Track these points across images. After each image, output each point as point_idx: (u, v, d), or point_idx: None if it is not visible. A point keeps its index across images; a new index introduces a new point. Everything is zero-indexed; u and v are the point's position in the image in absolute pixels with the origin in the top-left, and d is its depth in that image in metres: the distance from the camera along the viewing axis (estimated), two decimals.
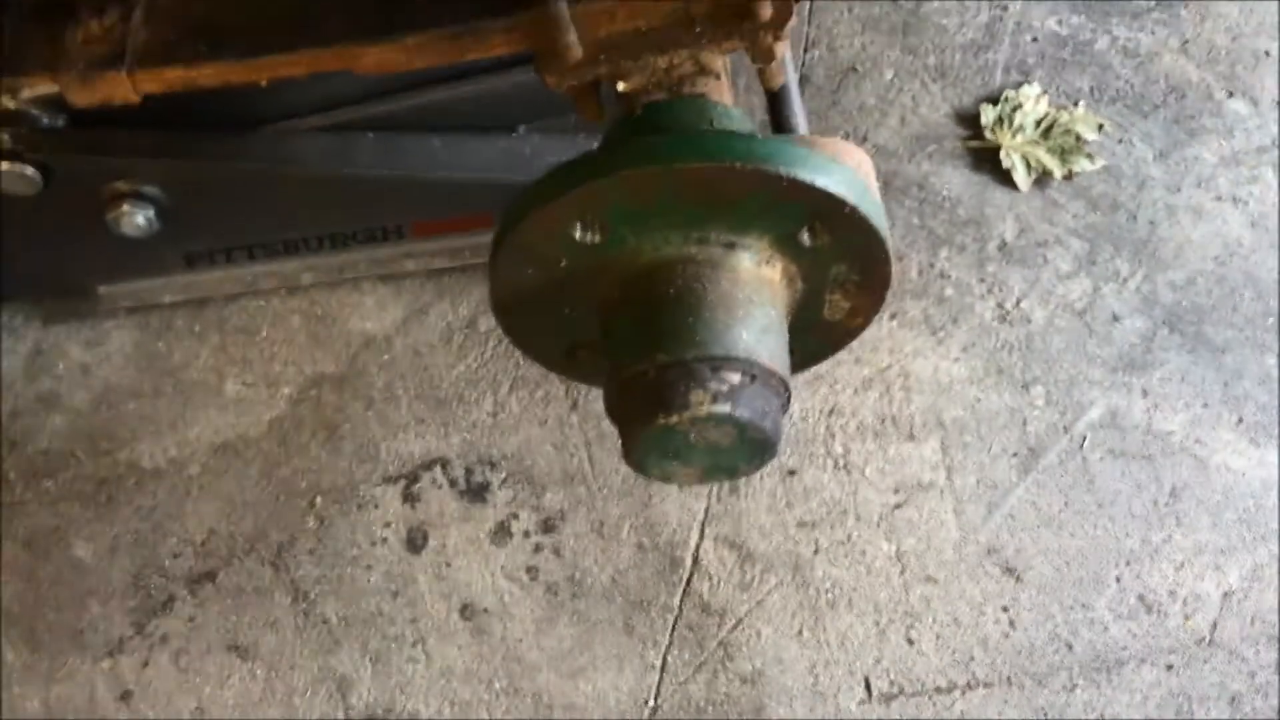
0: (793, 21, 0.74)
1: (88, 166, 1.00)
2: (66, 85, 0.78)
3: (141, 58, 0.77)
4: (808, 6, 1.37)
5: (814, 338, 0.80)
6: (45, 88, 0.88)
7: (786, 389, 0.71)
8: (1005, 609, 1.05)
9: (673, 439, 0.69)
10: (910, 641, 1.04)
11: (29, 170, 0.98)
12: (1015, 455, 1.12)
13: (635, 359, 0.70)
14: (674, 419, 0.67)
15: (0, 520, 1.09)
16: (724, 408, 0.67)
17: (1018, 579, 1.06)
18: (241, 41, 0.77)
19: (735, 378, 0.67)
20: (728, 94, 0.76)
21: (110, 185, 1.02)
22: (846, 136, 1.29)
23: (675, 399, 0.67)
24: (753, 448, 0.71)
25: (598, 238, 0.71)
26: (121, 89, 0.78)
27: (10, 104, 0.97)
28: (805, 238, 0.71)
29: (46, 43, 0.80)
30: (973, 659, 1.03)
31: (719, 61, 0.76)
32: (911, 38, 1.36)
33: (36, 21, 0.81)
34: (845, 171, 0.70)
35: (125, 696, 1.03)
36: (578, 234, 0.70)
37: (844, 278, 0.75)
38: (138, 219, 1.03)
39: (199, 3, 0.79)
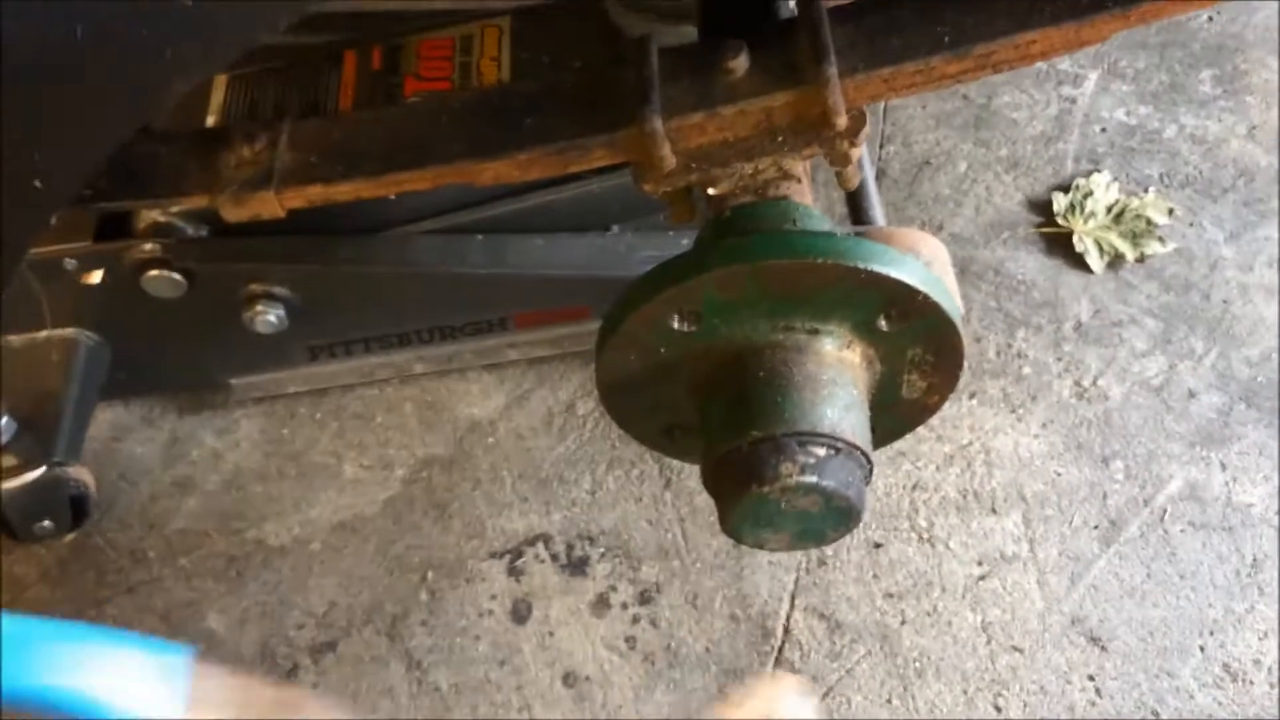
0: (866, 129, 0.81)
1: (227, 271, 1.09)
2: (222, 204, 0.87)
3: (286, 178, 0.87)
4: (883, 105, 1.44)
5: (895, 415, 0.86)
6: (198, 205, 0.99)
7: (868, 461, 0.77)
8: (1091, 678, 1.08)
9: (765, 508, 0.76)
10: (998, 709, 1.07)
11: (175, 276, 1.08)
12: (1096, 528, 1.15)
13: (730, 436, 0.76)
14: (766, 489, 0.74)
15: (141, 595, 1.18)
16: (811, 478, 0.73)
17: (1102, 648, 1.09)
18: (374, 162, 0.86)
19: (821, 451, 0.74)
20: (808, 195, 0.83)
21: (246, 288, 1.11)
22: (923, 226, 1.35)
23: (767, 471, 0.73)
24: (838, 515, 0.76)
25: (693, 328, 0.78)
26: (269, 206, 0.87)
27: (160, 217, 1.09)
28: (882, 324, 0.78)
29: (202, 168, 0.90)
30: None
31: (800, 166, 0.83)
32: (984, 131, 1.43)
33: (193, 150, 0.92)
34: (917, 264, 0.76)
35: None
36: (675, 325, 0.78)
37: (920, 359, 0.80)
38: (270, 318, 1.11)
39: (336, 130, 0.89)
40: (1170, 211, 1.33)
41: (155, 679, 0.58)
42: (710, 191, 0.83)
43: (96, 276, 1.07)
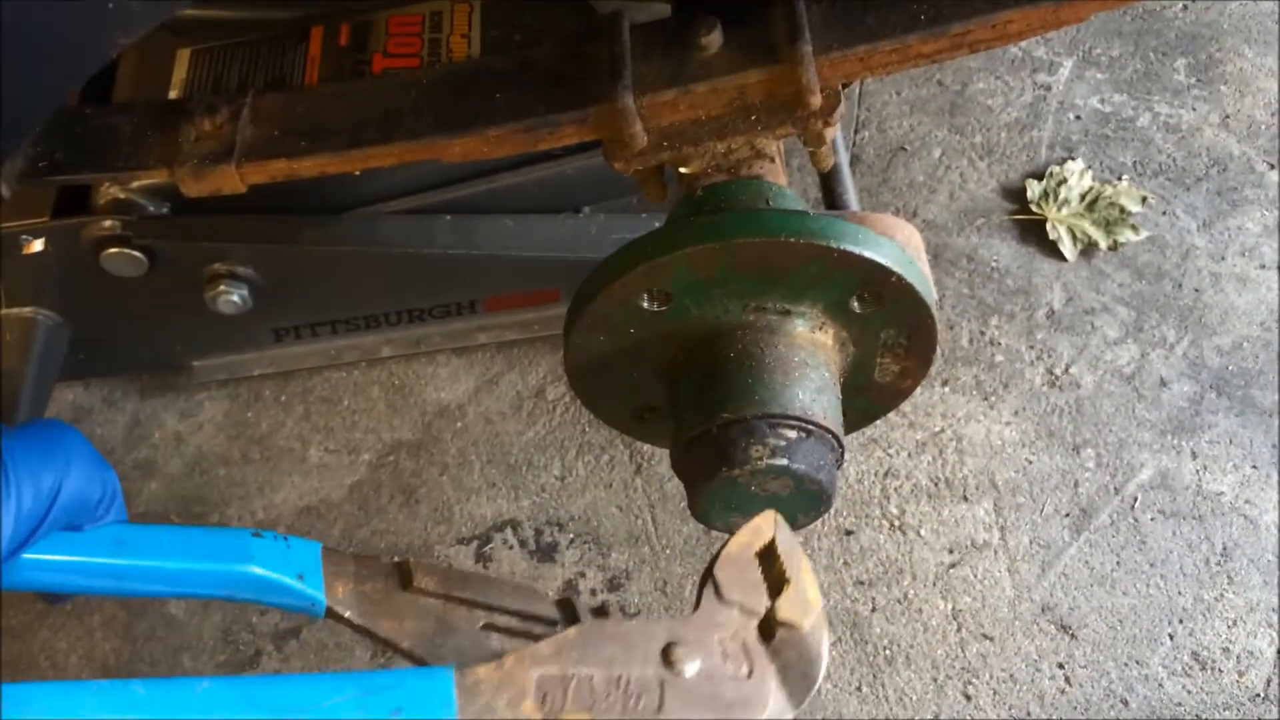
0: (841, 109, 0.79)
1: (189, 250, 1.07)
2: (181, 178, 0.85)
3: (248, 152, 0.85)
4: (858, 90, 1.43)
5: (867, 398, 0.85)
6: (156, 179, 0.97)
7: (840, 444, 0.76)
8: (1061, 666, 1.07)
9: (735, 491, 0.75)
10: (967, 697, 1.06)
11: (136, 254, 1.05)
12: (1068, 516, 1.15)
13: (699, 418, 0.75)
14: (736, 472, 0.73)
15: None
16: (781, 461, 0.72)
17: (1072, 636, 1.09)
18: (340, 136, 0.84)
19: (792, 433, 0.73)
20: (782, 175, 0.82)
21: (209, 267, 1.09)
22: (896, 212, 1.35)
23: (737, 454, 0.72)
24: (809, 499, 0.75)
25: (663, 308, 0.76)
26: (230, 181, 0.85)
27: (120, 194, 1.06)
28: (855, 305, 0.77)
29: (162, 141, 0.87)
30: (1029, 715, 1.05)
31: (773, 146, 0.82)
32: (958, 118, 1.42)
33: (153, 123, 0.89)
34: (892, 244, 0.75)
35: None
36: (645, 304, 0.76)
37: (893, 342, 0.80)
38: (233, 298, 1.09)
39: (300, 104, 0.87)
40: (1143, 200, 1.33)
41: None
42: (682, 170, 0.82)
43: (38, 245, 1.04)
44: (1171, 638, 1.08)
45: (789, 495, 0.75)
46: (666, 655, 0.62)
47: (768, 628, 0.65)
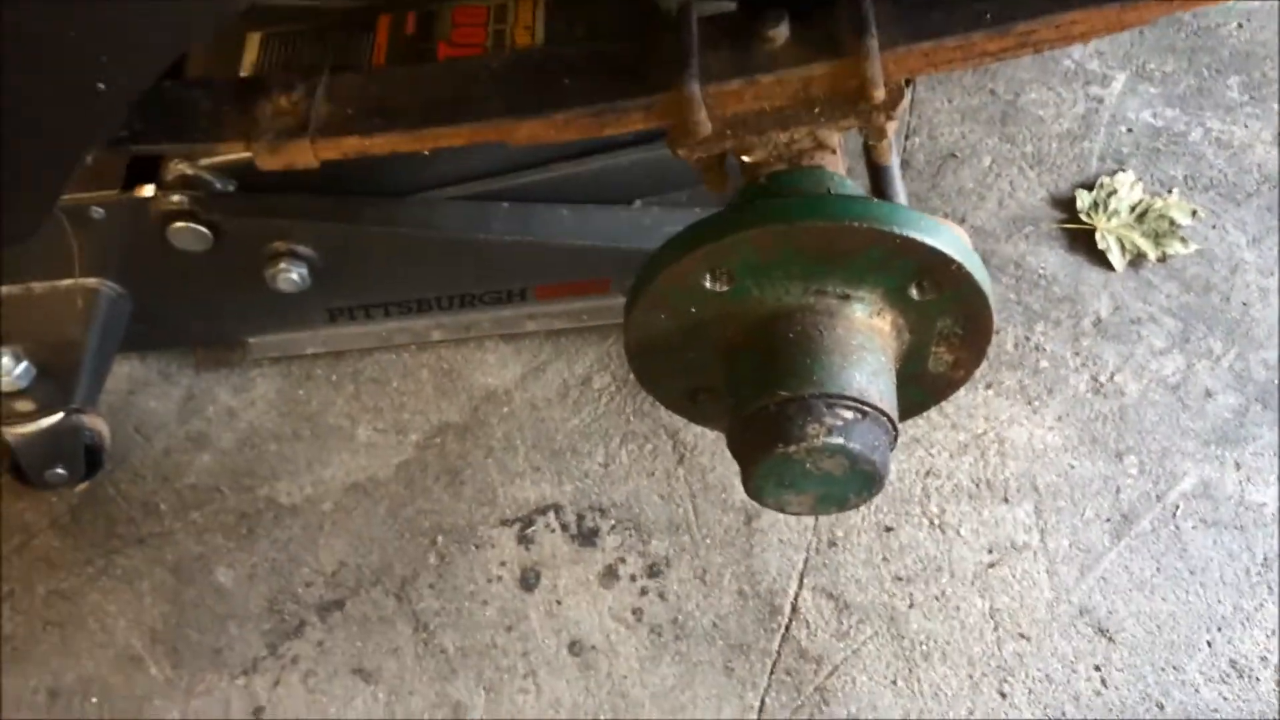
0: (904, 103, 0.81)
1: (253, 227, 1.10)
2: (257, 152, 0.88)
3: (323, 129, 0.87)
4: (909, 97, 1.45)
5: (920, 387, 0.86)
6: (234, 152, 0.99)
7: (894, 427, 0.77)
8: (1097, 668, 1.08)
9: (790, 469, 0.76)
10: (1003, 695, 1.07)
11: (201, 229, 1.08)
12: (1108, 521, 1.15)
13: (757, 395, 0.77)
14: (792, 449, 0.74)
15: (151, 547, 1.19)
16: (838, 440, 0.73)
17: (1110, 639, 1.09)
18: (411, 116, 0.86)
19: (848, 414, 0.74)
20: (842, 167, 0.84)
21: (270, 245, 1.12)
22: (945, 217, 1.35)
23: (794, 431, 0.74)
24: (862, 479, 0.77)
25: (725, 288, 0.78)
26: (304, 155, 0.87)
27: (189, 170, 1.09)
28: (914, 292, 0.78)
29: (239, 115, 0.90)
30: (1064, 715, 1.06)
31: (835, 138, 0.84)
32: (1010, 127, 1.43)
33: (230, 98, 0.92)
34: (951, 234, 0.77)
35: (257, 712, 1.10)
36: (708, 284, 0.78)
37: (948, 331, 0.81)
38: (292, 276, 1.12)
39: (374, 84, 0.89)
40: (1193, 213, 1.33)
41: None
42: (745, 159, 0.84)
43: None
44: (1210, 645, 1.09)
45: (842, 475, 0.76)
46: None
47: None
